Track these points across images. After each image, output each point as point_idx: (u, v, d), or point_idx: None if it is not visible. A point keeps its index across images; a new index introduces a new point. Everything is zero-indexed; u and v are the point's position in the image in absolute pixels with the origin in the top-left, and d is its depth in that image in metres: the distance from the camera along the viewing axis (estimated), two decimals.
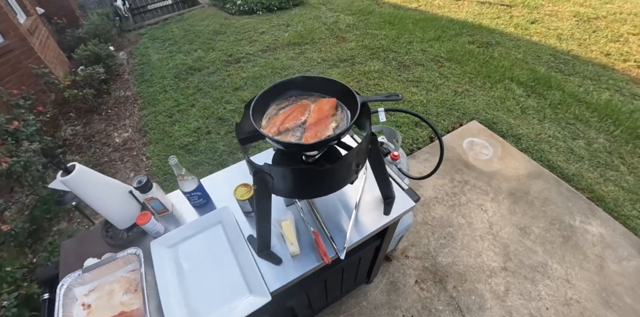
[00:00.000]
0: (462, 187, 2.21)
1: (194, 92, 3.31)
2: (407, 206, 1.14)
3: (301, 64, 3.59)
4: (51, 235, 2.22)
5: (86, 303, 0.97)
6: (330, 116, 0.89)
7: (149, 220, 1.01)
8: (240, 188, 1.03)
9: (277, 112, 0.93)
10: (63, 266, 1.09)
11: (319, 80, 0.94)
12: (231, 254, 0.98)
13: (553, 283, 1.75)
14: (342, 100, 0.93)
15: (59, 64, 3.90)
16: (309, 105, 0.93)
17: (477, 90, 3.10)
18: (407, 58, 3.59)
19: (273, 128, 0.86)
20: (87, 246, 1.13)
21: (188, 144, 2.70)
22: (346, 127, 0.82)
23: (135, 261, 1.01)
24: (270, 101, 0.95)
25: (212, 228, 1.06)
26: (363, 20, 4.51)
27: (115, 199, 1.04)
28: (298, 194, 0.87)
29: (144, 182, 1.02)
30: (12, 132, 2.24)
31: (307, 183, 0.83)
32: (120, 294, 0.96)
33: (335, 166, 0.77)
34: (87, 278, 0.99)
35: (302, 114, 0.90)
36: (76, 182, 0.92)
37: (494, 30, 4.06)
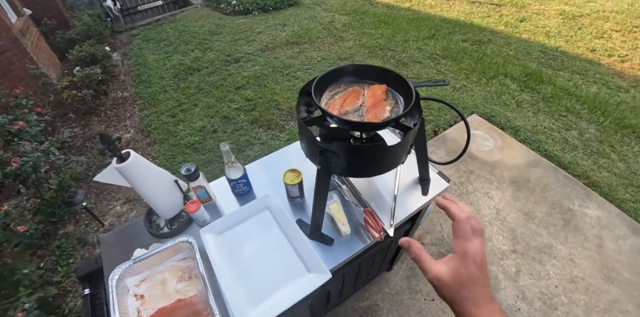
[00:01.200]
0: (468, 177, 2.30)
1: (195, 92, 3.28)
2: (442, 187, 1.21)
3: (301, 62, 3.62)
4: (57, 239, 2.15)
5: (138, 294, 0.97)
6: (383, 100, 0.94)
7: (199, 208, 1.02)
8: (288, 173, 1.06)
9: (332, 97, 0.97)
10: (106, 259, 1.08)
11: (369, 68, 0.99)
12: (283, 237, 1.01)
13: (559, 263, 1.86)
14: (391, 87, 0.99)
15: (52, 66, 3.78)
16: (361, 91, 0.98)
17: (474, 85, 3.22)
18: (405, 56, 3.69)
19: (335, 111, 0.90)
20: (127, 239, 1.12)
21: (194, 143, 2.68)
22: (407, 109, 0.87)
23: (186, 248, 1.02)
24: (324, 87, 0.99)
25: (259, 214, 1.08)
26: (358, 20, 4.59)
27: (163, 188, 1.04)
28: (359, 172, 0.92)
29: (193, 170, 1.03)
30: (16, 133, 2.16)
31: (370, 160, 0.87)
32: (174, 282, 0.97)
33: (399, 144, 0.82)
34: (137, 268, 0.99)
35: (357, 99, 0.95)
36: (130, 170, 0.92)
37: (485, 29, 4.23)
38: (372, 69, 0.97)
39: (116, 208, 2.28)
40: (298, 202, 1.13)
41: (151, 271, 1.01)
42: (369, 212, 1.03)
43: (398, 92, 0.96)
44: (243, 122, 2.84)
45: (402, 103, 0.93)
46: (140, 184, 0.96)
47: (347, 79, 1.01)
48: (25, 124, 2.18)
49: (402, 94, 0.94)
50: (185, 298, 0.93)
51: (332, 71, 0.98)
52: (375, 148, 0.83)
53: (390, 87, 0.97)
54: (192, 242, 0.98)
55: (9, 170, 1.84)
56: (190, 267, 0.99)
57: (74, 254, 2.09)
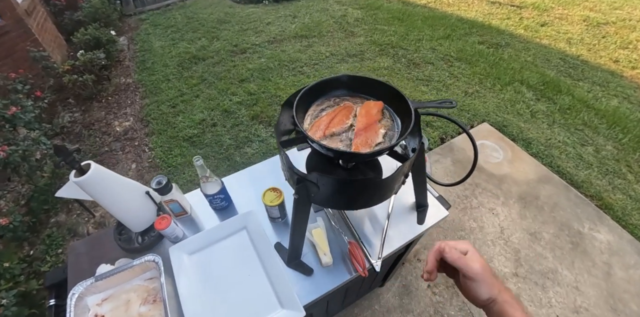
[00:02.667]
0: (473, 190, 2.16)
1: (198, 82, 3.17)
2: (441, 215, 1.08)
3: (309, 57, 3.46)
4: (49, 227, 2.10)
5: (99, 314, 0.88)
6: (378, 121, 0.81)
7: (169, 224, 0.92)
8: (269, 193, 0.95)
9: (318, 114, 0.84)
10: (72, 271, 1.00)
11: (365, 80, 0.85)
12: (258, 263, 0.91)
13: (563, 290, 1.73)
14: (388, 104, 0.86)
15: (57, 48, 3.69)
16: (353, 108, 0.85)
17: (487, 91, 3.03)
18: (417, 56, 3.50)
19: (318, 132, 0.78)
20: (98, 250, 1.04)
21: (193, 136, 2.58)
22: (401, 137, 0.74)
23: (153, 268, 0.92)
24: (311, 100, 0.86)
25: (236, 234, 0.97)
26: (371, 15, 4.37)
27: (131, 201, 0.94)
28: (344, 205, 0.80)
29: (164, 183, 0.93)
30: (10, 119, 2.09)
31: (355, 194, 0.75)
32: (138, 304, 0.88)
33: (390, 177, 0.70)
34: (100, 286, 0.90)
35: (347, 118, 0.82)
36: (91, 183, 0.82)
37: (504, 31, 3.98)
38: (369, 82, 0.84)
39: None
40: (280, 223, 1.03)
41: (116, 290, 0.92)
42: (354, 245, 0.91)
43: (396, 111, 0.83)
44: (244, 117, 2.73)
45: (399, 126, 0.80)
46: (104, 197, 0.86)
47: (339, 91, 0.88)
48: (18, 109, 2.10)
49: (400, 114, 0.81)
50: None
51: (322, 82, 0.84)
52: (362, 182, 0.70)
53: (388, 104, 0.84)
54: (158, 263, 0.89)
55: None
56: (157, 289, 0.90)
57: (64, 244, 2.04)
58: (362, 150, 0.73)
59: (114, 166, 2.48)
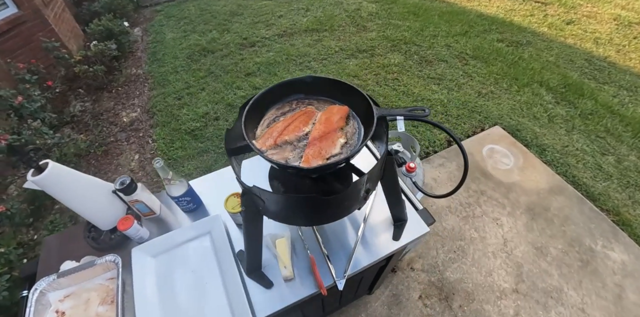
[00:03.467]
0: (478, 198, 2.04)
1: (205, 75, 3.15)
2: (420, 232, 0.98)
3: (317, 52, 3.37)
4: (53, 213, 2.15)
5: (60, 310, 0.87)
6: (338, 129, 0.72)
7: (131, 225, 0.89)
8: (232, 198, 0.90)
9: (276, 118, 0.77)
10: (42, 265, 0.99)
11: (331, 82, 0.77)
12: (217, 272, 0.86)
13: (567, 311, 1.61)
14: (355, 110, 0.77)
15: (74, 38, 3.76)
16: (315, 113, 0.77)
17: (502, 92, 2.85)
18: (430, 53, 3.33)
19: (269, 140, 0.70)
20: (70, 245, 1.02)
21: (195, 129, 2.57)
22: (356, 149, 0.66)
23: (114, 268, 0.90)
24: (271, 103, 0.79)
25: (200, 238, 0.93)
26: (386, 9, 4.20)
27: (97, 199, 0.92)
28: (295, 221, 0.73)
29: (127, 183, 0.89)
30: (17, 108, 2.14)
31: (307, 211, 0.68)
32: (97, 304, 0.86)
33: (340, 196, 0.62)
34: (63, 283, 0.89)
35: (305, 124, 0.74)
36: (49, 182, 0.79)
37: (526, 29, 3.73)
38: (334, 84, 0.75)
39: None
40: None
41: (78, 287, 0.90)
42: (314, 261, 0.85)
43: (362, 119, 0.75)
44: None
45: (362, 135, 0.72)
46: (66, 196, 0.84)
47: (301, 95, 0.79)
48: (24, 99, 2.15)
49: (368, 121, 0.70)
50: None
51: (283, 84, 0.76)
52: (310, 200, 0.62)
53: (354, 109, 0.76)
54: (117, 263, 0.86)
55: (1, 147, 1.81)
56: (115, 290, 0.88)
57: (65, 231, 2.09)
58: (312, 162, 0.65)
59: (118, 156, 2.51)
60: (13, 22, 3.00)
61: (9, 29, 2.99)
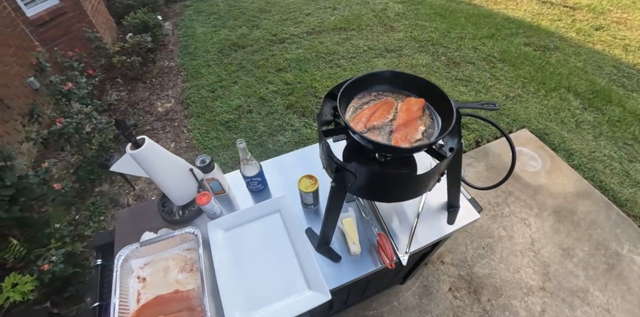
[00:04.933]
0: (506, 198, 2.09)
1: (236, 69, 3.25)
2: (472, 218, 1.07)
3: (347, 50, 3.43)
4: (93, 195, 2.27)
5: (141, 276, 0.96)
6: (418, 118, 0.82)
7: (209, 201, 0.97)
8: (304, 180, 0.97)
9: (360, 107, 0.85)
10: (118, 236, 1.08)
11: (408, 77, 0.85)
12: (290, 246, 0.94)
13: (592, 311, 1.65)
14: (429, 102, 0.85)
15: (108, 30, 3.90)
16: (394, 104, 0.86)
17: (530, 96, 2.88)
18: (458, 55, 3.38)
19: (359, 124, 0.79)
20: (141, 218, 1.11)
21: (229, 121, 2.66)
22: (442, 135, 0.74)
23: (191, 240, 0.98)
24: (354, 93, 0.87)
25: (270, 216, 1.01)
26: (413, 10, 4.25)
27: (176, 176, 1.00)
28: (377, 196, 0.81)
29: (208, 162, 0.98)
30: (65, 93, 2.26)
31: (391, 187, 0.76)
32: (176, 271, 0.95)
33: (425, 174, 0.70)
34: (143, 251, 0.98)
35: (388, 112, 0.83)
36: (144, 157, 0.88)
37: (553, 34, 3.74)
38: (412, 79, 0.84)
39: None
40: (311, 210, 1.05)
41: (156, 256, 0.99)
42: (383, 236, 0.93)
43: (437, 110, 0.83)
44: (278, 106, 2.77)
45: (439, 125, 0.80)
46: (154, 170, 0.92)
47: (381, 86, 0.88)
48: (74, 85, 2.26)
49: (441, 113, 0.80)
50: (183, 290, 0.91)
51: (366, 76, 0.85)
52: (398, 176, 0.71)
53: (430, 102, 0.83)
54: (197, 235, 0.95)
55: (54, 129, 1.92)
56: (194, 259, 0.96)
57: (106, 213, 2.20)
58: (401, 145, 0.74)
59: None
60: (54, 12, 3.14)
61: (50, 19, 3.13)
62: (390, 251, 0.88)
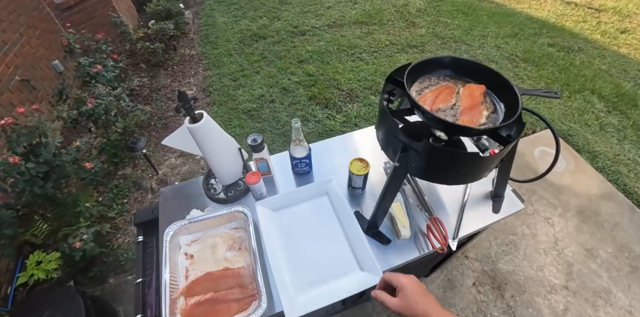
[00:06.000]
0: (530, 197, 2.08)
1: (258, 59, 3.24)
2: (516, 208, 1.08)
3: (368, 44, 3.41)
4: (117, 178, 2.29)
5: (189, 253, 0.96)
6: (480, 103, 0.82)
7: (258, 180, 0.98)
8: (355, 162, 0.97)
9: (422, 90, 0.85)
10: (163, 213, 1.09)
11: (470, 64, 0.86)
12: (339, 227, 0.94)
13: (615, 312, 1.65)
14: (490, 89, 0.85)
15: (130, 17, 3.90)
16: (455, 89, 0.86)
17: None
18: (480, 53, 3.35)
19: (425, 106, 0.79)
20: (185, 196, 1.12)
21: (251, 109, 2.66)
22: (510, 119, 0.73)
23: (239, 218, 0.99)
24: (415, 77, 0.87)
25: (318, 198, 1.02)
26: (434, 7, 4.21)
27: (227, 154, 1.01)
28: (440, 178, 0.81)
29: (259, 141, 0.98)
30: (94, 76, 2.26)
31: (457, 168, 0.76)
32: (224, 249, 0.95)
33: (491, 158, 0.71)
34: (191, 228, 0.98)
35: (450, 96, 0.83)
36: (202, 131, 0.88)
37: (578, 35, 3.69)
38: (473, 66, 0.84)
39: (171, 160, 2.36)
40: (358, 194, 1.05)
41: (203, 234, 1.00)
42: (436, 220, 0.93)
43: (498, 97, 0.83)
44: (301, 97, 2.77)
45: (502, 110, 0.80)
46: (208, 146, 0.93)
47: (442, 72, 0.89)
48: (102, 68, 2.27)
49: (503, 100, 0.80)
50: (232, 268, 0.91)
51: (428, 61, 0.86)
52: (469, 157, 0.71)
53: (489, 88, 0.83)
54: (247, 214, 0.95)
55: (85, 109, 1.93)
56: (242, 238, 0.97)
57: (129, 196, 2.21)
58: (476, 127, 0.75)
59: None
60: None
61: (75, 4, 3.13)
62: (441, 236, 0.88)
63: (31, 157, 1.46)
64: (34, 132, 1.43)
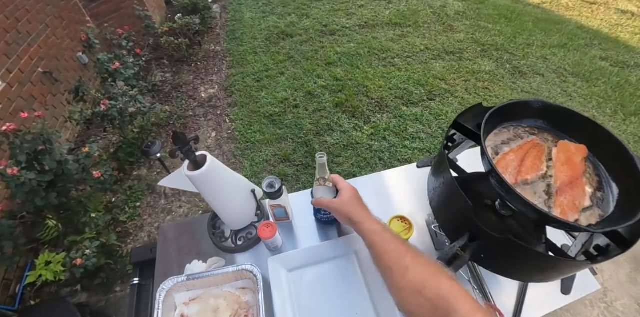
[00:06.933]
0: None
1: (284, 59, 3.01)
2: (591, 288, 0.82)
3: (402, 48, 3.11)
4: (131, 179, 2.16)
5: (185, 315, 0.78)
6: (582, 174, 0.57)
7: (274, 234, 0.77)
8: (395, 222, 0.75)
9: (498, 147, 0.61)
10: (160, 256, 0.90)
11: (567, 113, 0.60)
12: (369, 301, 0.73)
13: None
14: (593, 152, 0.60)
15: (158, 9, 3.74)
16: (544, 148, 0.60)
17: (606, 119, 2.49)
18: (524, 63, 2.98)
19: (507, 176, 0.55)
20: (187, 238, 0.93)
21: (274, 114, 2.45)
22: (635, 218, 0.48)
23: (247, 278, 0.79)
24: (491, 127, 0.63)
25: (343, 257, 0.80)
26: (474, 10, 3.82)
27: (236, 198, 0.80)
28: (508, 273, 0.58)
29: (278, 187, 0.77)
30: (112, 73, 2.11)
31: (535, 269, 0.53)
32: (228, 315, 0.76)
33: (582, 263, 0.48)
34: (190, 285, 0.79)
35: (540, 161, 0.58)
36: (204, 178, 0.68)
37: (634, 49, 3.24)
38: (573, 117, 0.59)
39: None
40: None
41: (205, 292, 0.80)
42: (494, 308, 0.70)
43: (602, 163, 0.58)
44: (327, 103, 2.53)
45: (611, 186, 0.55)
46: (213, 194, 0.72)
47: (529, 121, 0.64)
48: (121, 65, 2.11)
49: (611, 171, 0.56)
50: None
51: (513, 104, 0.61)
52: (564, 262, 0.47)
53: (592, 152, 0.58)
54: (257, 277, 0.75)
55: (98, 111, 1.79)
56: (250, 304, 0.77)
57: (142, 199, 2.08)
58: (569, 215, 0.50)
59: (196, 131, 2.46)
60: None
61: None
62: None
63: (35, 165, 1.32)
64: (38, 139, 1.28)
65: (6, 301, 1.60)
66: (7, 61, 1.96)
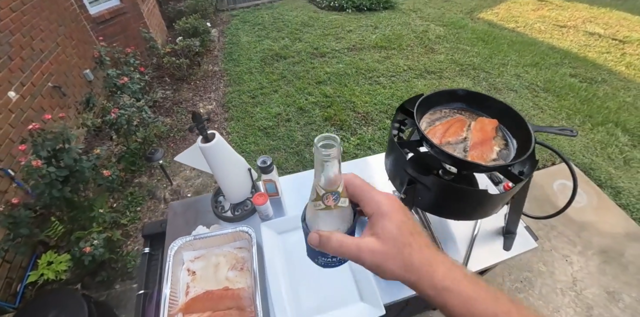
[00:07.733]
0: (548, 232, 2.00)
1: (277, 79, 3.36)
2: (528, 246, 1.04)
3: (386, 68, 3.49)
4: (132, 186, 2.36)
5: (191, 269, 0.97)
6: (492, 138, 0.82)
7: (265, 201, 0.99)
8: None
9: (432, 122, 0.87)
10: (170, 227, 1.11)
11: (483, 97, 0.86)
12: None
13: None
14: (503, 124, 0.86)
15: (159, 32, 4.17)
16: (466, 122, 0.86)
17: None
18: (499, 81, 3.36)
19: (434, 139, 0.80)
20: (193, 212, 1.15)
21: (267, 127, 2.74)
22: (521, 157, 0.73)
23: (244, 239, 1.00)
24: (427, 108, 0.89)
25: None
26: (454, 34, 4.30)
27: (236, 173, 1.03)
28: (447, 213, 0.80)
29: (269, 163, 1.01)
30: (120, 87, 2.40)
31: (465, 204, 0.76)
32: (226, 269, 0.96)
33: (501, 195, 0.71)
34: (195, 245, 1.00)
35: (461, 130, 0.84)
36: (213, 151, 0.92)
37: (601, 66, 3.67)
38: (487, 100, 0.85)
39: (185, 172, 2.42)
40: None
41: (207, 251, 1.01)
42: None
43: (510, 132, 0.83)
44: (317, 117, 2.83)
45: (514, 146, 0.80)
46: (218, 165, 0.96)
47: (455, 104, 0.90)
48: (128, 80, 2.41)
49: (516, 136, 0.80)
50: (233, 288, 0.91)
51: (441, 92, 0.87)
52: (476, 194, 0.71)
53: (502, 124, 0.83)
54: (251, 235, 0.96)
55: (108, 118, 2.04)
56: (245, 258, 0.97)
57: (142, 204, 2.26)
58: (487, 164, 0.74)
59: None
60: (115, 12, 3.40)
61: (110, 18, 3.39)
62: None
63: (53, 162, 1.54)
64: (59, 138, 1.52)
65: (8, 299, 1.72)
66: (22, 75, 2.24)
